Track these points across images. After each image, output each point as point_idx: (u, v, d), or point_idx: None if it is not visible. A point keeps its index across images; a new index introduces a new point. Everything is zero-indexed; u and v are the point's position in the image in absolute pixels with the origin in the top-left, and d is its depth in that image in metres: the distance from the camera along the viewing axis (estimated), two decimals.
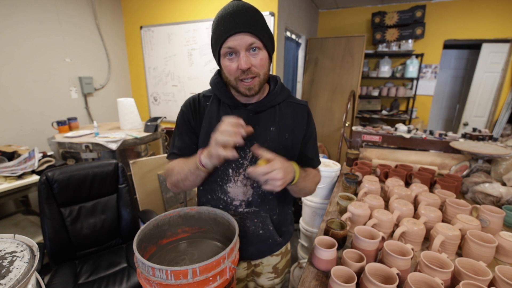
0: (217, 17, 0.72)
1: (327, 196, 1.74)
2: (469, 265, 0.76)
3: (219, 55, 0.74)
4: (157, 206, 2.35)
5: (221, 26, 0.70)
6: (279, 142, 0.82)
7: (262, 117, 0.82)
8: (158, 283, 0.59)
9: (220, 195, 0.86)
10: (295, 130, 0.85)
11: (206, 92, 0.88)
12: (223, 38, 0.69)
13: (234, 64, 0.72)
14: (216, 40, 0.72)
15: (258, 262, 0.97)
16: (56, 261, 1.40)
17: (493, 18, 3.27)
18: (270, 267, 0.99)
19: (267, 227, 0.88)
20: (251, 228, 0.87)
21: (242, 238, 0.87)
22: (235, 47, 0.69)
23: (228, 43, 0.69)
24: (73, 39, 2.73)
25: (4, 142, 2.26)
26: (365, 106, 4.14)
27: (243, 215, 0.87)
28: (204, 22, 2.75)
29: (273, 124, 0.82)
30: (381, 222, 0.99)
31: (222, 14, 0.71)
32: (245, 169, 0.82)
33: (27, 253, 0.59)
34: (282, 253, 1.00)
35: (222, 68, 0.77)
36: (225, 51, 0.71)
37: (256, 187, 0.85)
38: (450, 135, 1.88)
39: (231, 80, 0.75)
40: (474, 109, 3.69)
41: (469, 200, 1.35)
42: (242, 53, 0.70)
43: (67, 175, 1.42)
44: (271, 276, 1.00)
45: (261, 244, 0.90)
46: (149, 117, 3.41)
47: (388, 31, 3.62)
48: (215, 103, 0.84)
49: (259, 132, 0.81)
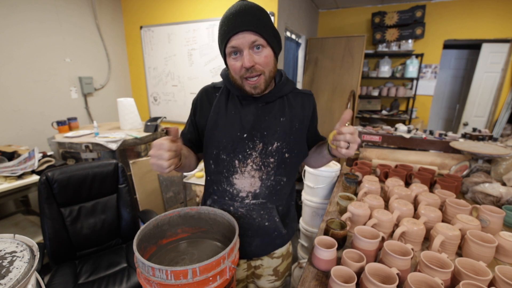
0: (222, 18, 0.73)
1: (327, 196, 1.74)
2: (469, 265, 0.76)
3: (225, 55, 0.76)
4: (157, 206, 2.35)
5: (225, 27, 0.71)
6: (290, 132, 0.83)
7: (272, 108, 0.83)
8: (158, 283, 0.59)
9: (226, 186, 0.86)
10: (304, 119, 0.87)
11: (217, 84, 0.89)
12: (227, 37, 0.71)
13: (238, 63, 0.72)
14: (221, 40, 0.73)
15: (259, 264, 0.96)
16: (56, 261, 1.40)
17: (493, 18, 3.26)
18: (271, 270, 0.98)
19: (273, 219, 0.88)
20: (257, 220, 0.87)
21: (248, 230, 0.87)
22: (238, 46, 0.70)
23: (231, 42, 0.70)
24: (73, 39, 2.73)
25: (4, 142, 2.26)
26: (365, 106, 4.14)
27: (250, 206, 0.86)
28: (204, 22, 2.75)
29: (283, 114, 0.83)
30: (381, 222, 0.99)
31: (226, 14, 0.72)
32: (253, 160, 0.82)
33: (27, 253, 0.59)
34: (283, 255, 0.99)
35: (228, 67, 0.79)
36: (229, 50, 0.72)
37: (265, 178, 0.84)
38: (450, 135, 1.88)
39: (236, 79, 0.76)
40: (474, 109, 3.68)
41: (469, 200, 1.35)
42: (245, 51, 0.70)
43: (67, 175, 1.42)
44: (272, 279, 0.99)
45: (266, 236, 0.90)
46: (149, 117, 3.41)
47: (388, 31, 3.62)
48: (225, 94, 0.84)
49: (269, 123, 0.81)
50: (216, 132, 0.82)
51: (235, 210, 0.86)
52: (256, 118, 0.81)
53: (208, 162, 0.88)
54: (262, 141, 0.81)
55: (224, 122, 0.81)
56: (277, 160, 0.83)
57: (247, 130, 0.80)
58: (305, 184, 1.83)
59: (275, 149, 0.82)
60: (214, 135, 0.82)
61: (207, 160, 0.88)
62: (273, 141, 0.81)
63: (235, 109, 0.82)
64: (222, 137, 0.81)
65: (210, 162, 0.87)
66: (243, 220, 0.87)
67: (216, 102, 0.84)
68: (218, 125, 0.82)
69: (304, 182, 1.83)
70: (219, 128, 0.82)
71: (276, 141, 0.81)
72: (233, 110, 0.82)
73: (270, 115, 0.82)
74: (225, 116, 0.82)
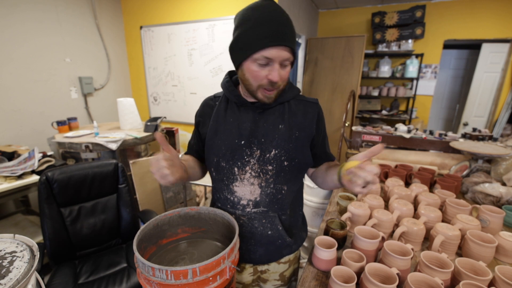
0: (254, 16, 0.67)
1: (327, 196, 1.74)
2: (469, 265, 0.76)
3: (245, 56, 0.69)
4: (157, 206, 2.35)
5: (260, 30, 0.65)
6: (289, 140, 0.80)
7: (270, 115, 0.81)
8: (158, 283, 0.59)
9: (227, 194, 0.85)
10: (306, 128, 0.83)
11: (218, 94, 0.90)
12: (261, 46, 0.66)
13: (263, 72, 0.69)
14: (250, 44, 0.67)
15: (265, 268, 0.95)
16: (56, 261, 1.40)
17: (493, 18, 3.26)
18: (277, 275, 0.96)
19: (275, 227, 0.85)
20: (260, 229, 0.85)
21: (250, 239, 0.86)
22: (272, 58, 0.67)
23: (265, 52, 0.66)
24: (73, 39, 2.73)
25: (4, 142, 2.26)
26: (365, 106, 4.14)
27: (251, 215, 0.84)
28: (204, 22, 2.75)
29: (282, 121, 0.80)
30: (381, 222, 0.99)
31: (261, 15, 0.66)
32: (251, 167, 0.80)
33: (27, 253, 0.59)
34: (290, 261, 0.96)
35: (242, 69, 0.73)
36: (259, 58, 0.67)
37: (264, 186, 0.82)
38: (450, 135, 1.88)
39: (252, 85, 0.73)
40: (474, 109, 3.69)
41: (469, 200, 1.35)
42: (275, 66, 0.68)
43: (67, 175, 1.42)
44: (277, 284, 0.97)
45: (270, 245, 0.87)
46: (149, 117, 3.41)
47: (388, 31, 3.62)
48: (224, 102, 0.85)
49: (266, 130, 0.80)
50: (216, 139, 0.82)
51: (237, 218, 0.85)
52: (253, 125, 0.80)
53: (210, 170, 0.89)
54: (260, 148, 0.79)
55: (223, 129, 0.82)
56: (276, 168, 0.80)
57: (245, 137, 0.79)
58: (305, 184, 1.83)
59: (273, 156, 0.79)
60: (214, 143, 0.83)
61: (209, 168, 0.89)
62: (271, 148, 0.79)
63: (233, 116, 0.82)
64: (221, 144, 0.81)
65: (212, 170, 0.87)
66: (245, 228, 0.85)
67: (216, 111, 0.85)
68: (217, 133, 0.82)
69: (304, 182, 1.83)
70: (218, 135, 0.82)
71: (274, 149, 0.79)
72: (231, 118, 0.82)
73: (268, 122, 0.80)
74: (224, 124, 0.82)
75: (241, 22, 0.70)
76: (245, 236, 0.86)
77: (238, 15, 0.73)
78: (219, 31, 2.70)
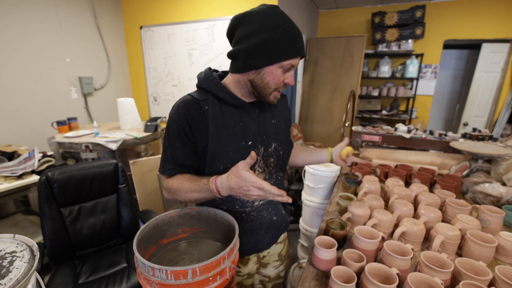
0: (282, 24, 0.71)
1: (327, 196, 1.74)
2: (469, 265, 0.76)
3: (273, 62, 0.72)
4: (157, 206, 2.35)
5: (292, 40, 0.72)
6: (280, 132, 0.91)
7: (265, 112, 0.88)
8: (158, 283, 0.59)
9: (235, 196, 0.81)
10: (286, 119, 0.98)
11: (199, 96, 0.79)
12: (293, 55, 0.73)
13: (283, 77, 0.77)
14: (285, 52, 0.72)
15: (266, 253, 1.02)
16: (56, 261, 1.40)
17: (493, 18, 3.27)
18: (276, 255, 1.05)
19: (279, 212, 0.96)
20: (268, 218, 0.92)
21: (261, 229, 0.92)
22: (295, 65, 0.77)
23: (293, 61, 0.75)
24: (73, 39, 2.72)
25: (4, 142, 2.26)
26: (365, 106, 4.14)
27: (260, 207, 0.90)
28: (204, 22, 2.75)
29: (274, 116, 0.90)
30: (381, 222, 0.99)
31: (292, 30, 0.72)
32: (259, 164, 0.86)
33: (27, 253, 0.59)
34: (284, 239, 1.08)
35: (262, 73, 0.74)
36: (287, 65, 0.74)
37: (268, 178, 0.89)
38: (450, 135, 1.88)
39: (270, 88, 0.77)
40: (474, 109, 3.69)
41: (469, 200, 1.35)
42: (292, 72, 0.78)
43: (67, 175, 1.42)
44: (277, 264, 1.06)
45: (276, 229, 0.97)
46: (149, 117, 3.41)
47: (388, 31, 3.62)
48: (216, 105, 0.79)
49: (266, 126, 0.87)
50: (221, 146, 0.78)
51: (246, 215, 0.89)
52: (256, 124, 0.84)
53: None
54: (263, 144, 0.85)
55: (226, 134, 0.78)
56: (276, 159, 0.90)
57: (250, 137, 0.82)
58: (305, 184, 1.83)
59: (274, 149, 0.88)
60: (219, 151, 0.78)
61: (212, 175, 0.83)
62: (271, 143, 0.87)
63: (232, 118, 0.80)
64: (228, 150, 0.79)
65: None
66: (256, 221, 0.91)
67: (212, 116, 0.78)
68: (221, 139, 0.78)
69: (304, 182, 1.83)
70: (222, 142, 0.78)
71: (273, 142, 0.88)
72: (231, 121, 0.80)
73: (265, 119, 0.87)
74: (226, 129, 0.79)
75: (267, 26, 0.70)
76: (255, 229, 0.91)
77: (255, 17, 0.71)
78: (219, 31, 2.70)
